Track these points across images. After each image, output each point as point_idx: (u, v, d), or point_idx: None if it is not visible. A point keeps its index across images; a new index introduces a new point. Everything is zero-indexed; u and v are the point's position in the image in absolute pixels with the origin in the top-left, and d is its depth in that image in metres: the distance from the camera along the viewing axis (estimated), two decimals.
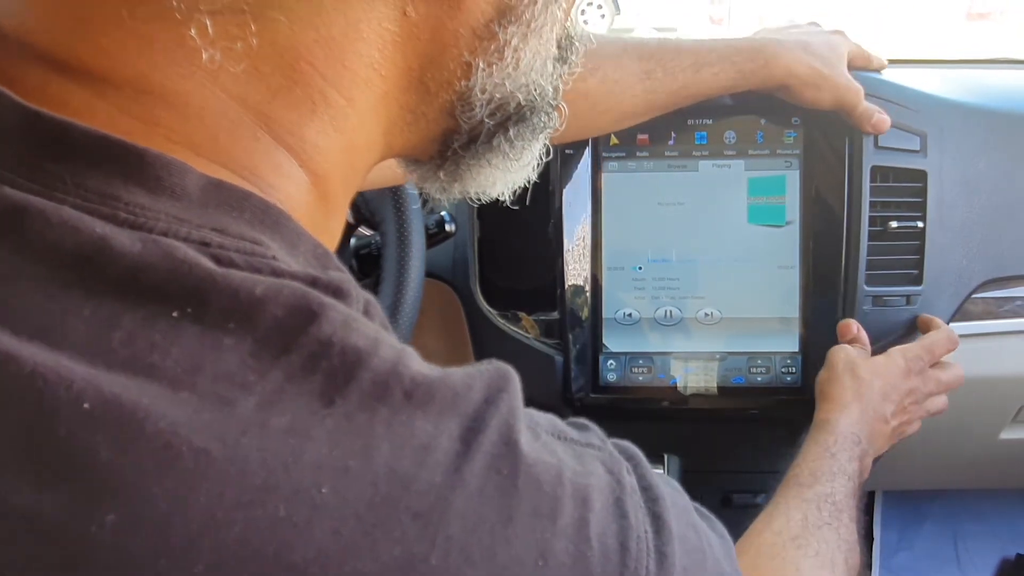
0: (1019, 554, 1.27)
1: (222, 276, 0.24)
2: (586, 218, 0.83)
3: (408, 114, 0.33)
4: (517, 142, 0.37)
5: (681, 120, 0.83)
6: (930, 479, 1.12)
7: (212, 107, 0.27)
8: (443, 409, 0.25)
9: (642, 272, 0.85)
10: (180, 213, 0.25)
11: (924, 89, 0.83)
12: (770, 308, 0.84)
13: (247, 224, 0.26)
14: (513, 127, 0.36)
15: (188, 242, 0.24)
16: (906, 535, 1.31)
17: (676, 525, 0.29)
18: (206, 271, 0.24)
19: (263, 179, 0.28)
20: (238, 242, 0.25)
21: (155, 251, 0.24)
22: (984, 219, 0.82)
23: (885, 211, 0.80)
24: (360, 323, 0.25)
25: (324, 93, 0.29)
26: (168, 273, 0.23)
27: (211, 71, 0.26)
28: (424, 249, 0.77)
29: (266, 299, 0.24)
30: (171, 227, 0.25)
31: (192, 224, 0.25)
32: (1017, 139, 0.84)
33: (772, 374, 0.84)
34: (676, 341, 0.85)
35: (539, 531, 0.25)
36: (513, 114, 0.35)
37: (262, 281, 0.24)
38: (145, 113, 0.26)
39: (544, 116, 0.37)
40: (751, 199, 0.83)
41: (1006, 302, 0.84)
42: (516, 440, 0.26)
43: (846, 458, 0.66)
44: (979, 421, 0.92)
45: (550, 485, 0.26)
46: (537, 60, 0.34)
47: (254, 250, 0.26)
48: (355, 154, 0.32)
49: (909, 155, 0.80)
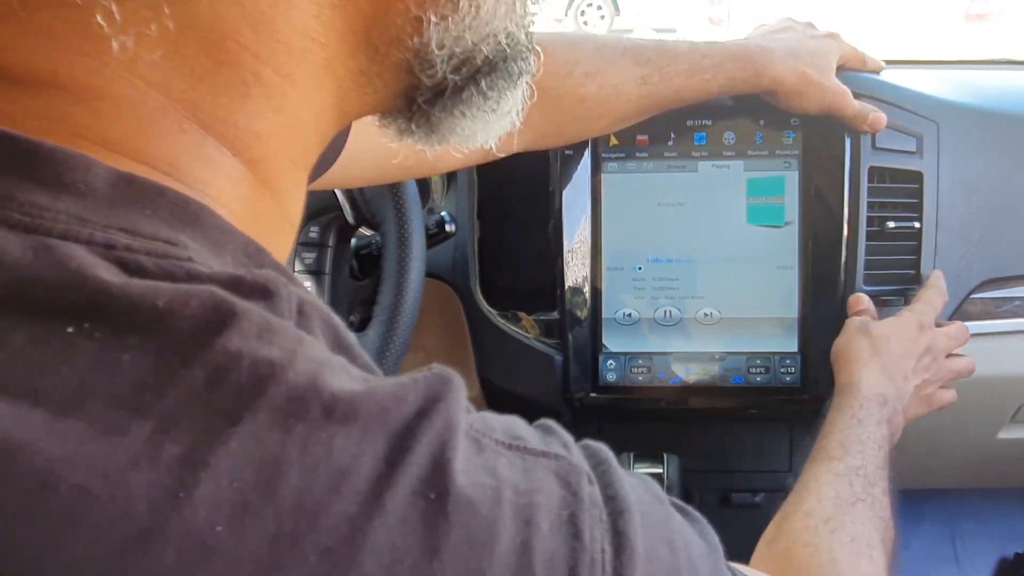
0: (1017, 553, 1.27)
1: (120, 287, 0.21)
2: (586, 219, 0.84)
3: (359, 76, 0.30)
4: (491, 92, 0.34)
5: (680, 121, 0.83)
6: (928, 478, 1.12)
7: (128, 99, 0.24)
8: (368, 426, 0.22)
9: (642, 272, 0.85)
10: (83, 212, 0.23)
11: (922, 90, 0.84)
12: (769, 308, 0.84)
13: (162, 222, 0.24)
14: (485, 78, 0.33)
15: (91, 245, 0.22)
16: (905, 534, 1.31)
17: (643, 542, 0.26)
18: (101, 282, 0.21)
19: (188, 174, 0.26)
20: (149, 243, 0.23)
21: (46, 260, 0.21)
22: (982, 219, 0.82)
23: (883, 212, 0.80)
24: (280, 331, 0.23)
25: (257, 72, 0.26)
26: (60, 285, 0.21)
27: (124, 60, 0.24)
28: (424, 249, 0.77)
29: (170, 310, 0.21)
30: (71, 228, 0.22)
31: (96, 225, 0.23)
32: (1015, 140, 0.84)
33: (771, 374, 0.84)
34: (676, 341, 0.85)
35: (473, 562, 0.22)
36: (482, 67, 0.32)
37: (167, 290, 0.22)
38: (50, 109, 0.24)
39: (520, 62, 0.34)
40: (750, 200, 0.83)
41: (1004, 302, 0.85)
42: (449, 459, 0.23)
43: (874, 423, 0.64)
44: (977, 421, 0.92)
45: (487, 507, 0.23)
46: (501, 5, 0.31)
47: (167, 251, 0.23)
48: (301, 131, 0.29)
49: (906, 156, 0.80)
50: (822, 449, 0.63)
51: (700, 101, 0.76)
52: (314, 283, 0.83)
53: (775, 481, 0.90)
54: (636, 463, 0.80)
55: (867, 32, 4.28)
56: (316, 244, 0.83)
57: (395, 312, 0.74)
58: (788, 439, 0.89)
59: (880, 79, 0.83)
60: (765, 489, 0.90)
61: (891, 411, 0.67)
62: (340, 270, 0.81)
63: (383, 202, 0.76)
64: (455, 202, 0.87)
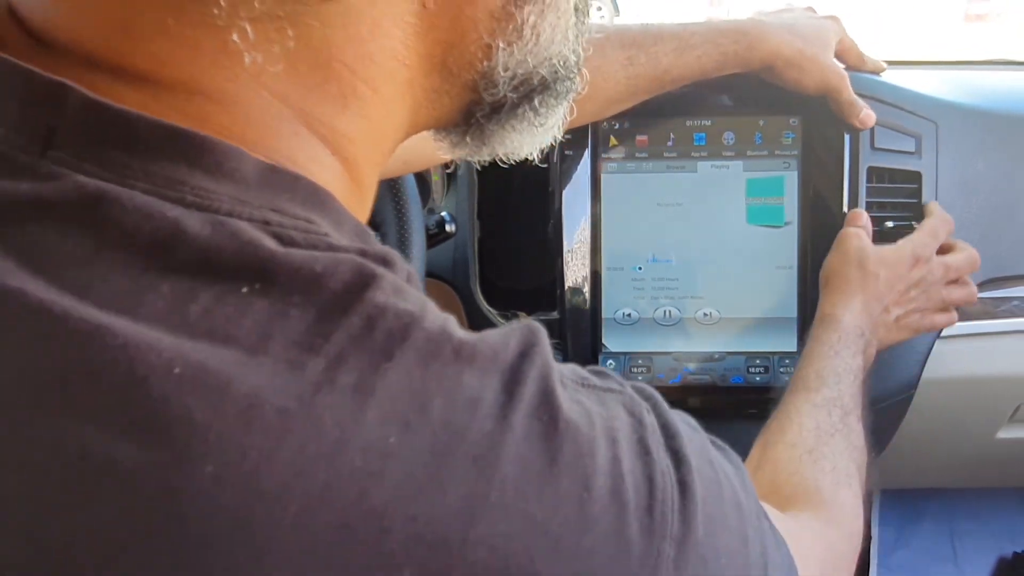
0: (1016, 552, 1.27)
1: (284, 255, 0.26)
2: (585, 219, 0.84)
3: (431, 94, 0.34)
4: (542, 109, 0.38)
5: (680, 121, 0.83)
6: (928, 478, 1.12)
7: (256, 104, 0.29)
8: (485, 365, 0.27)
9: (641, 272, 0.85)
10: (241, 195, 0.27)
11: (921, 90, 0.84)
12: (769, 308, 0.84)
13: (299, 204, 0.28)
14: (538, 96, 0.37)
15: (251, 222, 0.26)
16: (904, 533, 1.31)
17: (694, 459, 0.31)
18: (269, 251, 0.26)
19: (306, 169, 0.30)
20: (294, 221, 0.28)
21: (223, 233, 0.26)
22: (982, 219, 0.83)
23: (882, 212, 0.80)
24: (408, 291, 0.28)
25: (354, 87, 0.30)
26: (236, 254, 0.26)
27: (253, 72, 0.28)
28: (424, 249, 0.77)
29: (326, 273, 0.26)
30: (234, 208, 0.27)
31: (252, 205, 0.27)
32: (1014, 140, 0.85)
33: (770, 374, 0.84)
34: (675, 341, 0.85)
35: (581, 468, 0.27)
36: (537, 86, 0.37)
37: (321, 257, 0.26)
38: (196, 111, 0.28)
39: (568, 82, 0.39)
40: (750, 200, 0.84)
41: (1003, 302, 0.85)
42: (552, 389, 0.28)
43: (850, 355, 0.67)
44: (976, 420, 0.93)
45: (586, 427, 0.28)
46: (557, 33, 0.35)
47: (308, 227, 0.28)
48: (383, 137, 0.34)
49: (905, 156, 0.81)
50: (801, 379, 0.66)
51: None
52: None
53: None
54: None
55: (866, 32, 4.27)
56: None
57: None
58: None
59: (879, 79, 0.83)
60: None
61: (866, 343, 0.69)
62: None
63: (383, 202, 0.76)
64: (455, 202, 0.87)
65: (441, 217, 0.84)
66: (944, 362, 0.84)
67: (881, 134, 0.80)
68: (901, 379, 0.83)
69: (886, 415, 0.87)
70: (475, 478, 0.25)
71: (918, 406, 0.86)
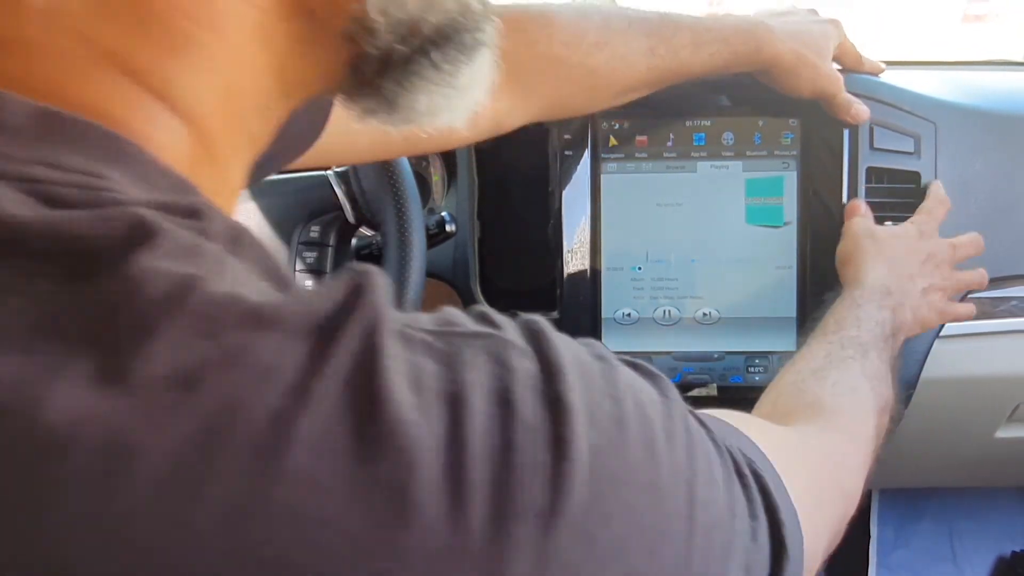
0: (1014, 551, 1.28)
1: (39, 219, 0.22)
2: (585, 219, 0.84)
3: (297, 45, 0.29)
4: (445, 65, 0.32)
5: (679, 121, 0.83)
6: (927, 477, 1.12)
7: (53, 48, 0.24)
8: (291, 327, 0.22)
9: (641, 272, 0.85)
10: (5, 148, 0.23)
11: (920, 90, 0.84)
12: (768, 308, 0.84)
13: (86, 156, 0.24)
14: (435, 50, 0.31)
15: (14, 181, 0.22)
16: (903, 533, 1.32)
17: (582, 398, 0.25)
18: (22, 220, 0.21)
19: (124, 124, 0.25)
20: (73, 176, 0.23)
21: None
22: (980, 220, 0.83)
23: (881, 212, 0.80)
24: (204, 252, 0.23)
25: (185, 29, 0.26)
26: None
27: (44, 9, 0.24)
28: (425, 249, 0.77)
29: (87, 235, 0.22)
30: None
31: (18, 160, 0.23)
32: (1013, 140, 0.85)
33: (770, 374, 0.85)
34: (675, 341, 0.85)
35: (402, 445, 0.22)
36: (432, 37, 0.31)
37: (86, 217, 0.22)
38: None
39: (476, 33, 0.32)
40: (749, 200, 0.84)
41: (1002, 302, 0.85)
42: (377, 348, 0.23)
43: (875, 307, 0.66)
44: (975, 420, 0.93)
45: (415, 393, 0.23)
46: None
47: (92, 183, 0.23)
48: (241, 98, 0.29)
49: (903, 156, 0.81)
50: (818, 328, 0.65)
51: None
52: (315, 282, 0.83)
53: None
54: None
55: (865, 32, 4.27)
56: (317, 243, 0.84)
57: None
58: None
59: (878, 80, 0.83)
60: None
61: (895, 302, 0.68)
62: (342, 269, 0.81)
63: (383, 202, 0.76)
64: (455, 202, 0.87)
65: (441, 217, 0.84)
66: (943, 362, 0.84)
67: (880, 134, 0.80)
68: (900, 378, 0.83)
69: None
70: (253, 472, 0.20)
71: (917, 406, 0.86)
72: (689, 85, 0.77)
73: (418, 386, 0.23)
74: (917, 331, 0.73)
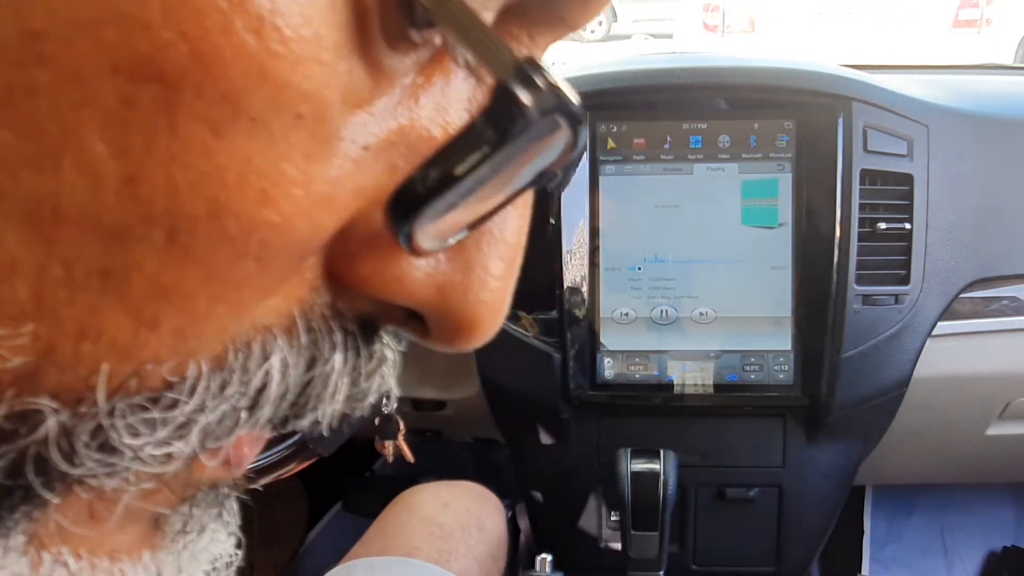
0: (1005, 546, 1.29)
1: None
2: (584, 220, 0.85)
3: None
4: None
5: (676, 124, 0.85)
6: (919, 473, 1.14)
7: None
8: None
9: (638, 272, 0.86)
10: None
11: (912, 94, 0.85)
12: (763, 308, 0.86)
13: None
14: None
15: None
16: (895, 527, 1.33)
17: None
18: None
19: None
20: None
21: None
22: (971, 221, 0.84)
23: (874, 213, 0.82)
24: None
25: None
26: None
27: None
28: None
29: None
30: None
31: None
32: (1003, 143, 0.86)
33: (765, 372, 0.86)
34: (672, 340, 0.87)
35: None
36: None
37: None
38: None
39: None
40: (745, 201, 0.85)
41: (992, 301, 0.87)
42: None
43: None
44: (966, 418, 0.94)
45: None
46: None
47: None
48: None
49: (896, 159, 0.82)
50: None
51: None
52: None
53: (769, 476, 0.92)
54: (633, 459, 0.81)
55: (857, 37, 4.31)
56: None
57: None
58: (781, 435, 0.91)
59: (872, 83, 0.84)
60: (759, 484, 0.92)
61: None
62: None
63: None
64: None
65: None
66: (935, 360, 0.85)
67: (873, 137, 0.81)
68: (893, 376, 0.85)
69: (878, 411, 0.88)
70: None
71: (909, 403, 0.87)
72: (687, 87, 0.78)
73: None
74: None
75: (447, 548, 0.74)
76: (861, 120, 0.81)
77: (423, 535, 0.75)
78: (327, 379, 0.19)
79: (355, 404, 0.21)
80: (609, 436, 0.92)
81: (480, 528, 0.80)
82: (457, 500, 0.81)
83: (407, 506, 0.80)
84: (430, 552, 0.73)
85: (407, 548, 0.73)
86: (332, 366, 0.19)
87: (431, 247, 0.17)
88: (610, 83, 0.85)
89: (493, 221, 0.19)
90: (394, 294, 0.19)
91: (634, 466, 0.81)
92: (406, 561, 0.71)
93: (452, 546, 0.75)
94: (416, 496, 0.81)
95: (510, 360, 0.88)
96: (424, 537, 0.74)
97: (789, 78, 0.84)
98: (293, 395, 0.19)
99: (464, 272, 0.19)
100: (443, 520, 0.77)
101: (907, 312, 0.83)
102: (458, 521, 0.78)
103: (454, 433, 1.15)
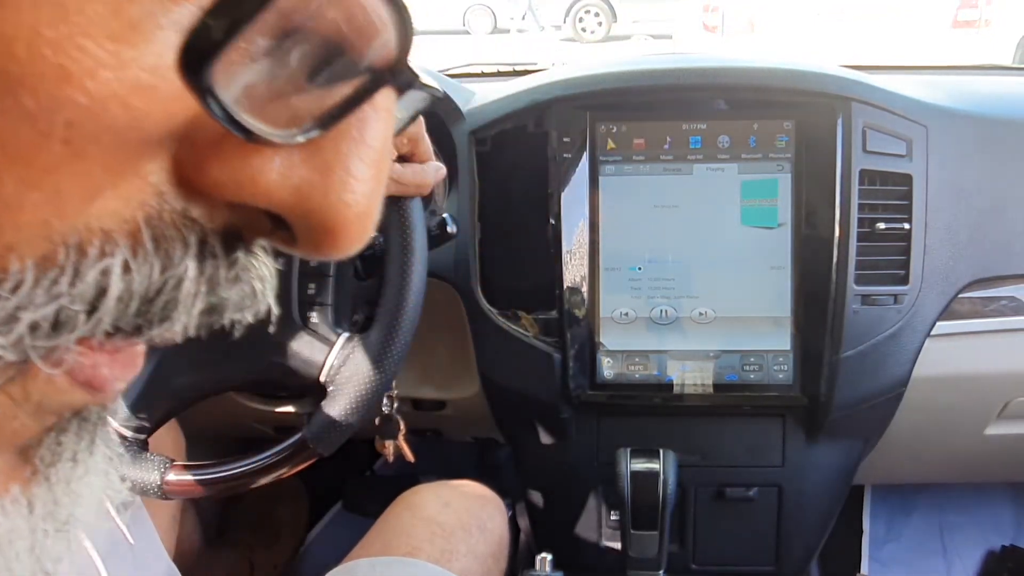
0: (1003, 546, 1.30)
1: None
2: (584, 220, 0.85)
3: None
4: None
5: (676, 124, 0.85)
6: (918, 473, 1.14)
7: None
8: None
9: (638, 273, 0.87)
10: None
11: (911, 95, 0.86)
12: (763, 308, 0.86)
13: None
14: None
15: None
16: (894, 527, 1.33)
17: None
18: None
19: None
20: None
21: None
22: (970, 221, 0.84)
23: (873, 213, 0.82)
24: None
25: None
26: None
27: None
28: (427, 253, 0.78)
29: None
30: None
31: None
32: (1003, 143, 0.86)
33: (764, 372, 0.86)
34: (671, 340, 0.87)
35: None
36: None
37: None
38: None
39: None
40: (744, 202, 0.85)
41: (991, 301, 0.87)
42: None
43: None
44: (965, 417, 0.94)
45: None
46: None
47: None
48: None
49: (896, 159, 0.82)
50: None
51: None
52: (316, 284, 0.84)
53: (768, 476, 0.92)
54: (633, 459, 0.81)
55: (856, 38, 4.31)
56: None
57: (397, 315, 0.75)
58: (780, 435, 0.91)
59: (871, 83, 0.85)
60: (758, 483, 0.92)
61: None
62: (344, 270, 0.82)
63: (385, 204, 0.77)
64: (456, 204, 0.88)
65: (443, 219, 0.85)
66: (934, 360, 0.86)
67: (872, 137, 0.81)
68: (892, 376, 0.85)
69: (877, 411, 0.89)
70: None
71: (909, 403, 0.88)
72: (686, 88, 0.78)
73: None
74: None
75: (448, 548, 0.74)
76: (860, 120, 0.81)
77: (424, 535, 0.75)
78: (179, 285, 0.19)
79: (216, 315, 0.21)
80: (609, 436, 0.92)
81: (481, 528, 0.80)
82: (458, 500, 0.81)
83: (408, 506, 0.80)
84: (431, 552, 0.73)
85: (408, 548, 0.73)
86: (185, 273, 0.19)
87: (268, 134, 0.17)
88: (610, 83, 0.86)
89: (351, 123, 0.19)
90: (249, 195, 0.18)
91: (634, 466, 0.81)
92: (407, 561, 0.71)
93: (453, 546, 0.75)
94: (417, 496, 0.81)
95: (510, 360, 0.88)
96: (425, 537, 0.75)
97: (788, 79, 0.84)
98: (139, 301, 0.18)
99: (323, 173, 0.19)
100: (444, 520, 0.77)
101: (906, 312, 0.83)
102: (459, 521, 0.78)
103: (454, 433, 1.15)
